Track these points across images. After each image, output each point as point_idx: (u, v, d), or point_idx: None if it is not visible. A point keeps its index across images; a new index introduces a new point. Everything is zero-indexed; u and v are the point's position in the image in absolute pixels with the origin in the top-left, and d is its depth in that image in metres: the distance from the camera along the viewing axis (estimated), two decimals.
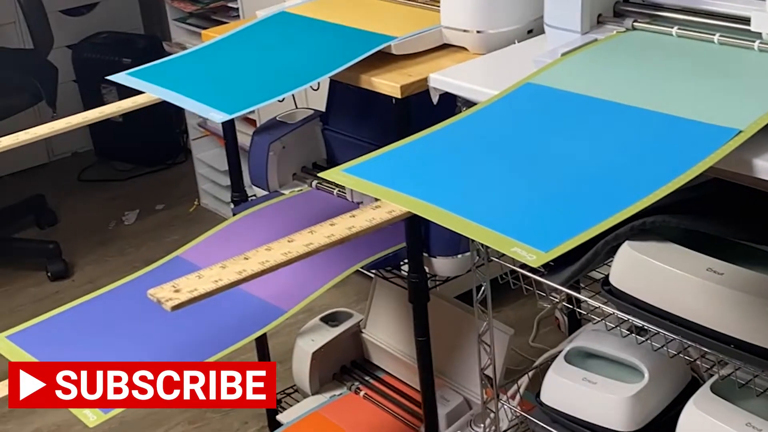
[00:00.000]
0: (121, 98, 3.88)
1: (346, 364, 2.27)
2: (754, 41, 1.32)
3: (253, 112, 3.01)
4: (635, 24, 1.47)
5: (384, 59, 1.67)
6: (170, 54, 3.09)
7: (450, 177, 1.24)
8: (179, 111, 3.63)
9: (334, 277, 1.70)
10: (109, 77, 1.77)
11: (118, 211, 3.53)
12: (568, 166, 1.20)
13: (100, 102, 3.71)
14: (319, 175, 1.33)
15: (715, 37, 1.37)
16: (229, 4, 3.05)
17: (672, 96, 1.28)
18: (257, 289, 1.67)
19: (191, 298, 1.07)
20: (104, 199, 3.65)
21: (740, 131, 1.13)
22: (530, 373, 1.85)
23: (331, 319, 2.27)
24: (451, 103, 1.53)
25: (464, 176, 1.24)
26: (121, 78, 1.76)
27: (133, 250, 3.28)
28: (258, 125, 2.78)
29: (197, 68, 1.79)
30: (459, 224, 1.13)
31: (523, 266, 1.55)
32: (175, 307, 1.06)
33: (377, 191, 1.23)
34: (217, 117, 1.56)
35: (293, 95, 1.74)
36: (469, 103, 1.45)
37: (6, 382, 1.47)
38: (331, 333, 2.22)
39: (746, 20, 1.33)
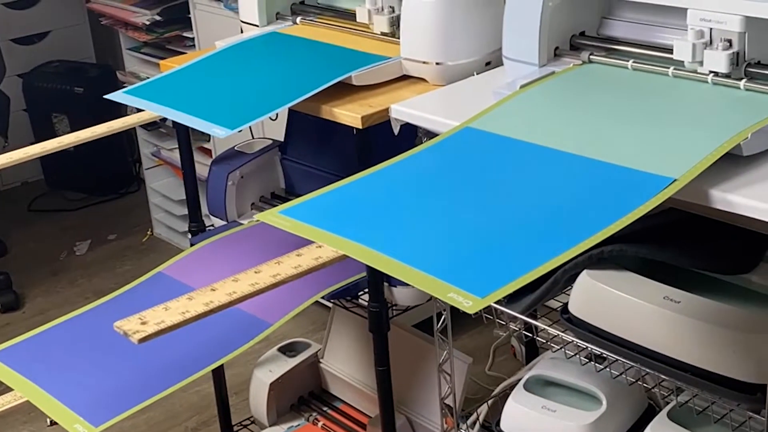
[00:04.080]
0: (72, 128, 3.83)
1: (304, 395, 2.26)
2: (707, 75, 1.35)
3: (209, 141, 3.01)
4: (591, 57, 1.50)
5: (344, 90, 1.68)
6: (124, 83, 3.09)
7: (387, 220, 1.23)
8: (132, 140, 3.61)
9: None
10: (106, 96, 1.76)
11: (70, 241, 3.49)
12: (505, 212, 1.21)
13: (51, 131, 3.67)
14: (255, 216, 1.31)
15: (670, 70, 1.40)
16: (185, 34, 3.05)
17: (614, 141, 1.29)
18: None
19: (158, 331, 1.07)
20: (55, 229, 3.60)
21: (675, 180, 1.15)
22: (489, 402, 1.86)
23: (288, 350, 2.26)
24: (411, 134, 1.55)
25: (401, 220, 1.23)
26: (118, 96, 1.76)
27: (84, 281, 3.24)
28: (215, 155, 2.78)
29: (190, 85, 1.79)
30: (396, 268, 1.11)
31: None
32: (142, 340, 1.06)
33: (313, 234, 1.21)
34: (220, 133, 1.58)
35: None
36: (431, 134, 1.47)
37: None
38: (288, 363, 2.21)
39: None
